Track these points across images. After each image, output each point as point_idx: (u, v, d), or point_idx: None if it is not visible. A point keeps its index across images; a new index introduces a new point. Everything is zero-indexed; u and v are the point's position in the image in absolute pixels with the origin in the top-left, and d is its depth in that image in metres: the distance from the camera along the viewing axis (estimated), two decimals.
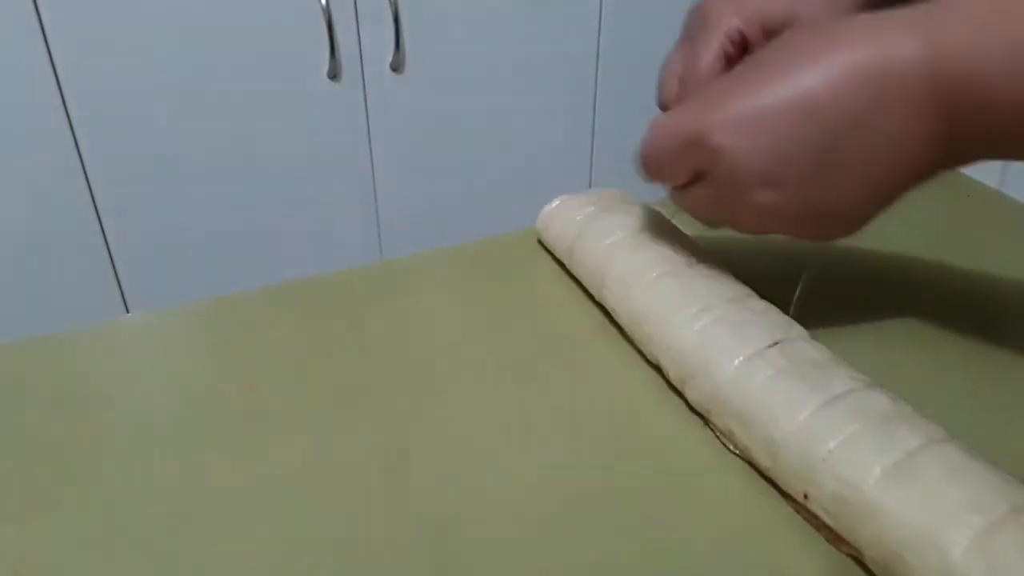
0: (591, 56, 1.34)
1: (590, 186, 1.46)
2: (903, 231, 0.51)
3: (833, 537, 0.30)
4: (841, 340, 0.40)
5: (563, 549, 0.31)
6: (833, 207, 0.35)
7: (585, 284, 0.45)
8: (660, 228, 0.44)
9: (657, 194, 0.54)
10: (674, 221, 0.45)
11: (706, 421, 0.36)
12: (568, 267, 0.47)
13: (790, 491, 0.32)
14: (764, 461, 0.33)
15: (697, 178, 0.37)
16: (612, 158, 1.47)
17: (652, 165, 0.38)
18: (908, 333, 0.42)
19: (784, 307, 0.38)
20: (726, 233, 0.50)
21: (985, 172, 0.53)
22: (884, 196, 0.35)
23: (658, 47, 0.52)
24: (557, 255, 0.48)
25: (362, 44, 1.19)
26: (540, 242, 0.50)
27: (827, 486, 0.30)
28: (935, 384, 0.38)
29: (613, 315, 0.42)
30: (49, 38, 1.02)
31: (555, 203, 0.49)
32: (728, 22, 0.41)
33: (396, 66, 1.23)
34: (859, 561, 0.30)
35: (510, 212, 0.47)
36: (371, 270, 0.48)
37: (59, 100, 1.06)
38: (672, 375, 0.38)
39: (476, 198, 1.38)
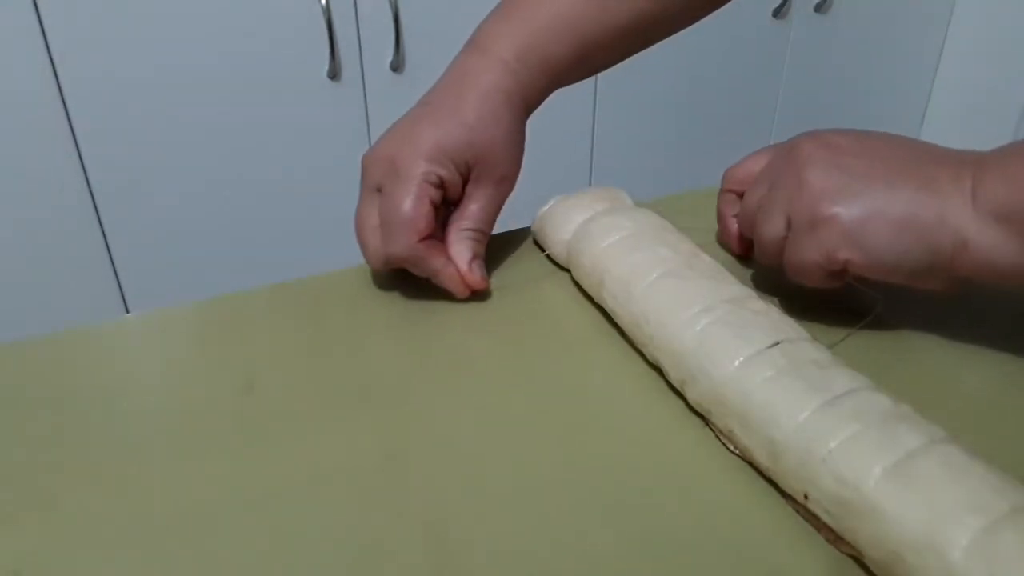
0: None
1: (590, 186, 1.46)
2: None
3: (833, 537, 0.30)
4: (841, 341, 0.40)
5: (563, 549, 0.31)
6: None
7: (583, 285, 0.45)
8: (659, 229, 0.44)
9: (654, 193, 0.54)
10: (672, 222, 0.45)
11: (706, 421, 0.36)
12: (565, 267, 0.47)
13: (790, 491, 0.32)
14: (764, 461, 0.33)
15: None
16: (612, 158, 1.47)
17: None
18: (908, 333, 0.42)
19: (783, 306, 0.38)
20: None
21: None
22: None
23: (658, 46, 0.52)
24: (553, 256, 0.48)
25: (362, 44, 1.19)
26: (536, 242, 0.50)
27: (827, 486, 0.30)
28: (935, 384, 0.38)
29: (613, 316, 0.42)
30: (49, 38, 1.02)
31: (550, 204, 0.49)
32: (426, 169, 0.43)
33: (396, 66, 1.23)
34: (859, 561, 0.30)
35: (510, 211, 0.47)
36: (371, 270, 0.48)
37: (59, 100, 1.06)
38: (672, 376, 0.38)
39: None
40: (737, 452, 0.35)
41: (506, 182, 0.47)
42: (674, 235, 0.44)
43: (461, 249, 0.45)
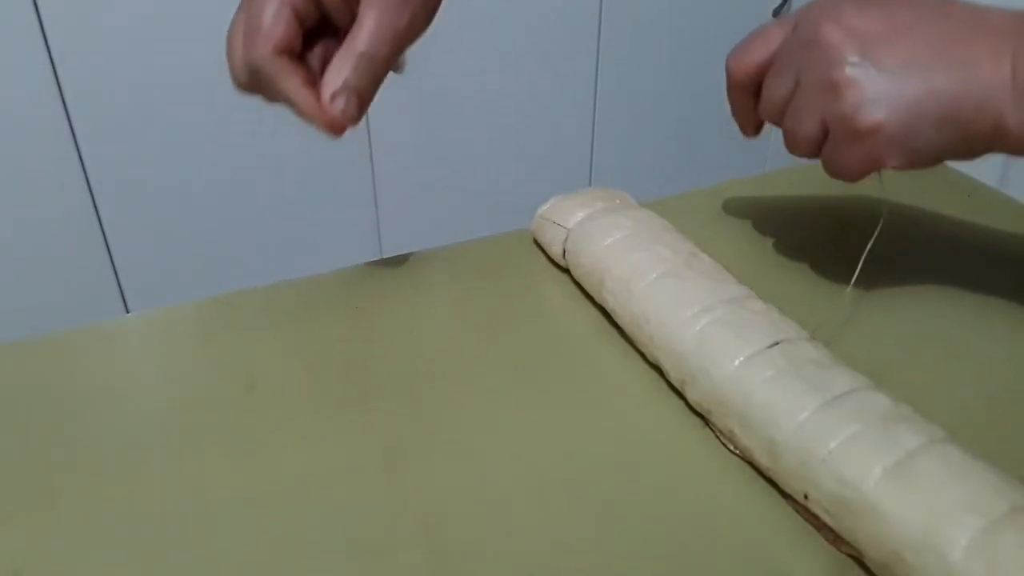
0: (591, 56, 1.34)
1: (590, 186, 1.46)
2: (903, 231, 0.51)
3: (833, 537, 0.30)
4: (841, 340, 0.40)
5: (562, 549, 0.31)
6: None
7: (583, 285, 0.45)
8: (659, 229, 0.44)
9: (654, 193, 0.54)
10: (672, 222, 0.45)
11: (706, 421, 0.36)
12: (564, 267, 0.47)
13: (790, 491, 0.32)
14: (764, 461, 0.33)
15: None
16: (612, 158, 1.47)
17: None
18: (908, 333, 0.42)
19: (782, 307, 0.38)
20: (725, 234, 0.51)
21: (985, 172, 0.53)
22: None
23: (658, 46, 0.52)
24: (552, 256, 0.48)
25: None
26: (535, 242, 0.50)
27: (827, 486, 0.30)
28: (935, 384, 0.38)
29: (613, 316, 0.42)
30: (49, 38, 1.02)
31: (550, 203, 0.49)
32: None
33: (396, 66, 1.23)
34: (859, 561, 0.30)
35: (510, 212, 0.47)
36: (371, 270, 0.48)
37: (59, 100, 1.06)
38: (672, 376, 0.38)
39: (476, 198, 1.38)
40: (737, 452, 0.35)
41: (408, 3, 0.40)
42: (674, 235, 0.44)
43: (333, 75, 0.38)
